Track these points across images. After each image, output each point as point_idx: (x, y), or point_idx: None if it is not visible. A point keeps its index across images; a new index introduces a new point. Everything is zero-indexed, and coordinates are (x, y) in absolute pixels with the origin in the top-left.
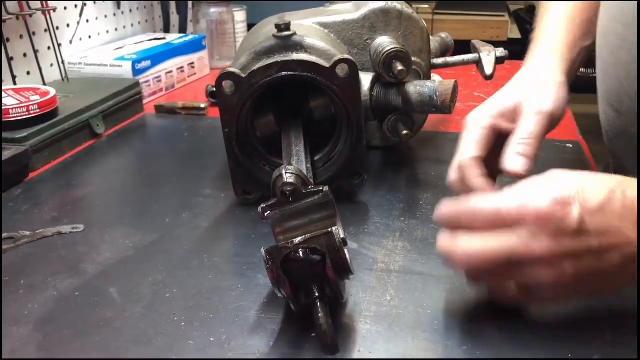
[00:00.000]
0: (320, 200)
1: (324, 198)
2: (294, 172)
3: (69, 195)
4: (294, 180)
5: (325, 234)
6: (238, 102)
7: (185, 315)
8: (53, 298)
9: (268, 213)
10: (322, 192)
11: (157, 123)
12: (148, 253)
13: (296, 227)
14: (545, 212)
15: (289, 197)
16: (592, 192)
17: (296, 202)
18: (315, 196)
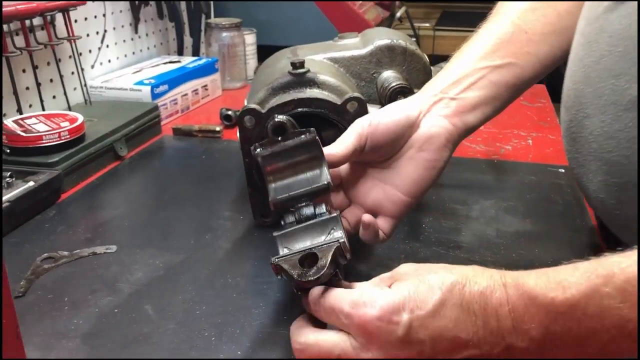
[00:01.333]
0: (307, 139)
1: (310, 137)
2: (284, 116)
3: (99, 216)
4: (284, 119)
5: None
6: (258, 135)
7: (214, 330)
8: (95, 314)
9: (259, 150)
10: (309, 131)
11: (175, 145)
12: (177, 273)
13: (284, 167)
14: (368, 322)
15: (278, 136)
16: (426, 297)
17: (285, 140)
18: (302, 135)
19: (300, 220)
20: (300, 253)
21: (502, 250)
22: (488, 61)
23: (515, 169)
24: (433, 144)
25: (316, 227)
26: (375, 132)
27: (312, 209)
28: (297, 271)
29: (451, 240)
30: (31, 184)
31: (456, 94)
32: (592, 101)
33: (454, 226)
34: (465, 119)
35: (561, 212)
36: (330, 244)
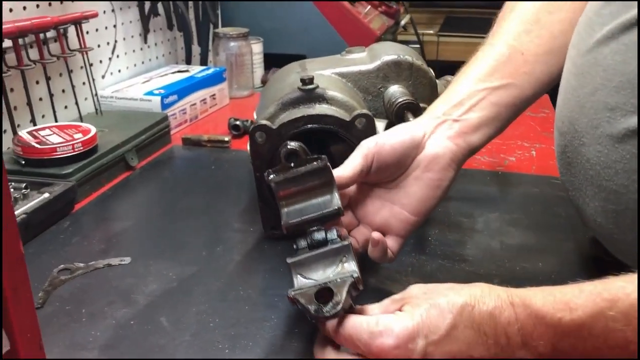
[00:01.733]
0: (319, 165)
1: (322, 164)
2: (297, 143)
3: (112, 227)
4: (296, 147)
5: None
6: (269, 150)
7: (228, 342)
8: (112, 326)
9: (272, 177)
10: (321, 158)
11: (185, 155)
12: (190, 285)
13: (296, 192)
14: (388, 353)
15: (291, 162)
16: (438, 322)
17: (297, 167)
18: (314, 162)
19: (312, 244)
20: (315, 287)
21: (506, 263)
22: (487, 83)
23: (519, 181)
24: (438, 164)
25: (329, 255)
26: (381, 152)
27: (324, 234)
28: (313, 307)
29: (456, 253)
30: (46, 195)
31: (459, 115)
32: (587, 131)
33: (459, 239)
34: (469, 139)
35: (564, 225)
36: (345, 279)
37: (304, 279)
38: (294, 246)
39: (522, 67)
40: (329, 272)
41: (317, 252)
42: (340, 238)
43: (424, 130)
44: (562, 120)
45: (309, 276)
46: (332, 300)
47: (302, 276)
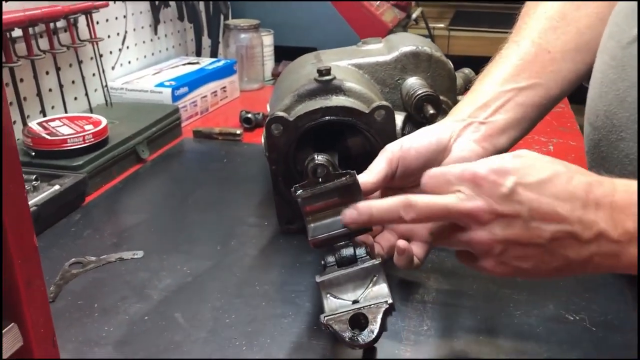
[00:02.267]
0: (347, 181)
1: (350, 180)
2: (325, 156)
3: (124, 221)
4: (324, 162)
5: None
6: (285, 142)
7: (245, 340)
8: (125, 322)
9: (300, 192)
10: (349, 174)
11: (196, 148)
12: (205, 280)
13: (323, 207)
14: (479, 175)
15: (319, 177)
16: (536, 170)
17: (325, 182)
18: (343, 178)
19: (341, 261)
20: (349, 312)
21: None
22: (513, 83)
23: None
24: None
25: (359, 274)
26: (407, 157)
27: (352, 250)
28: (348, 334)
29: None
30: (57, 187)
31: (485, 118)
32: (628, 125)
33: None
34: (495, 142)
35: None
36: (379, 305)
37: (334, 299)
38: (321, 262)
39: (548, 66)
40: (359, 293)
41: (346, 271)
42: (369, 255)
43: (450, 134)
44: (596, 114)
45: (338, 296)
46: (368, 328)
47: (332, 296)
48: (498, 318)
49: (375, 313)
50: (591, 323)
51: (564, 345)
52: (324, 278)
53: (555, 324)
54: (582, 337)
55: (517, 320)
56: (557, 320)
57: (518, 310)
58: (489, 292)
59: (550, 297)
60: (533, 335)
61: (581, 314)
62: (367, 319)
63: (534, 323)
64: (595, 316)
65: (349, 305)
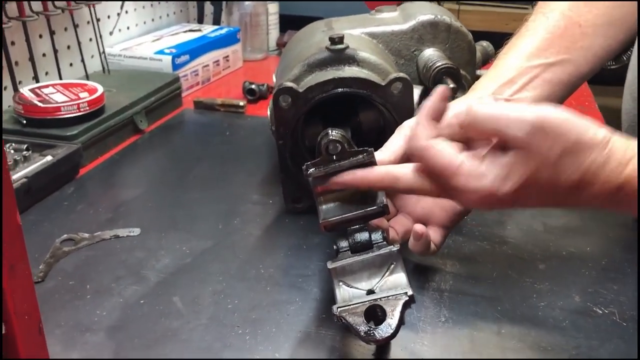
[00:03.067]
0: (364, 160)
1: (367, 158)
2: (339, 131)
3: (120, 195)
4: (339, 138)
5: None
6: (294, 116)
7: (248, 328)
8: (120, 305)
9: (312, 171)
10: (367, 152)
11: (197, 119)
12: (205, 261)
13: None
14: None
15: (334, 155)
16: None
17: (340, 160)
18: (359, 156)
19: (355, 247)
20: (364, 304)
21: (550, 246)
22: (541, 59)
23: None
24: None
25: (375, 262)
26: None
27: (367, 235)
28: (364, 328)
29: (496, 234)
30: (49, 158)
31: (510, 95)
32: None
33: (498, 219)
34: None
35: None
36: (398, 296)
37: (347, 288)
38: (333, 247)
39: (579, 41)
40: (374, 282)
41: (361, 257)
42: (385, 241)
43: None
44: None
45: (352, 284)
46: (385, 321)
47: (345, 284)
48: (520, 309)
49: (394, 305)
50: (621, 317)
51: (593, 341)
52: (336, 264)
53: (582, 317)
54: (612, 332)
55: (540, 313)
56: (584, 313)
57: (541, 301)
58: (509, 279)
59: (574, 288)
60: (558, 329)
61: (610, 307)
62: (385, 311)
63: (559, 316)
64: (625, 310)
65: (363, 295)
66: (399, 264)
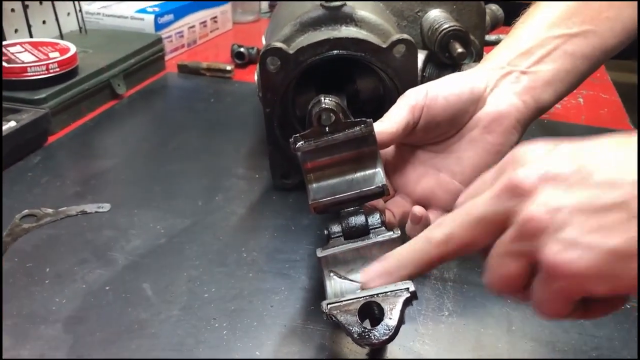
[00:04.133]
0: (362, 132)
1: (366, 130)
2: (334, 99)
3: (91, 166)
4: (333, 106)
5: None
6: (283, 80)
7: (227, 321)
8: (82, 292)
9: (301, 144)
10: (365, 123)
11: (181, 84)
12: (181, 242)
13: (330, 164)
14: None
15: (326, 126)
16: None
17: (333, 132)
18: (356, 127)
19: (349, 232)
20: (359, 301)
21: None
22: (562, 29)
23: (570, 132)
24: (501, 125)
25: (372, 250)
26: (433, 106)
27: (363, 219)
28: (357, 329)
29: None
30: (13, 124)
31: (527, 66)
32: None
33: None
34: (538, 96)
35: None
36: (397, 293)
37: (339, 280)
38: (324, 232)
39: (605, 11)
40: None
41: (356, 244)
42: (384, 225)
43: (486, 82)
44: None
45: (345, 276)
46: (383, 322)
47: (336, 275)
48: None
49: (393, 303)
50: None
51: (615, 341)
52: (327, 253)
53: None
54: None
55: None
56: None
57: None
58: None
59: None
60: (576, 327)
61: (631, 301)
62: (382, 310)
63: None
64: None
65: (357, 289)
66: None
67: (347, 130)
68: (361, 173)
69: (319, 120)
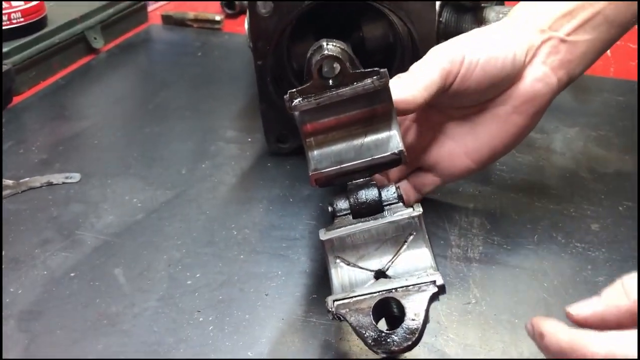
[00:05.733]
0: (374, 85)
1: (379, 83)
2: (338, 44)
3: (61, 129)
4: (338, 53)
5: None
6: (276, 26)
7: (213, 314)
8: (42, 280)
9: (298, 101)
10: (379, 73)
11: (165, 37)
12: (161, 218)
13: (334, 126)
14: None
15: (329, 78)
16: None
17: (338, 86)
18: (367, 80)
19: (359, 209)
20: (373, 297)
21: (603, 200)
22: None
23: (598, 86)
24: (534, 107)
25: (387, 231)
26: (469, 76)
27: (376, 192)
28: (372, 333)
29: (533, 183)
30: None
31: (567, 33)
32: None
33: (533, 163)
34: (572, 71)
35: None
36: (422, 286)
37: (347, 268)
38: (329, 209)
39: None
40: (385, 260)
41: (368, 224)
42: (401, 201)
43: (527, 50)
44: None
45: (355, 263)
46: (404, 323)
47: (344, 262)
48: (572, 286)
49: (417, 300)
50: None
51: None
52: (332, 235)
53: None
54: None
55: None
56: None
57: (599, 274)
58: (555, 244)
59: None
60: None
61: None
62: (402, 308)
63: None
64: None
65: (370, 279)
66: (420, 235)
67: (356, 83)
68: (373, 137)
69: (320, 71)
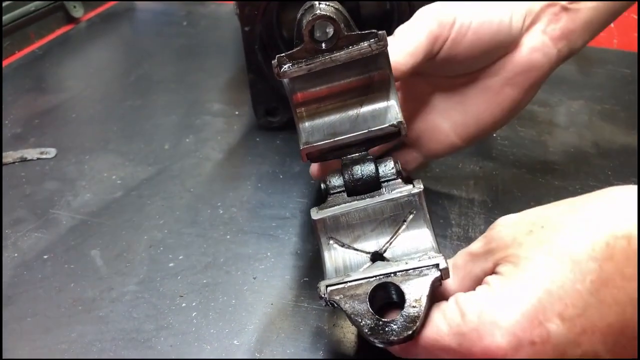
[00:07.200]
0: (372, 49)
1: (377, 46)
2: (331, 4)
3: (36, 102)
4: (332, 13)
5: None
6: None
7: (196, 299)
8: (13, 262)
9: (287, 67)
10: (377, 35)
11: (149, 6)
12: (142, 196)
13: (327, 95)
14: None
15: (323, 42)
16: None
17: (332, 50)
18: (364, 42)
19: (354, 186)
20: (369, 281)
21: (609, 175)
22: None
23: (601, 58)
24: (529, 79)
25: (384, 209)
26: (460, 41)
27: (373, 167)
28: (369, 321)
29: (536, 159)
30: None
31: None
32: None
33: (536, 138)
34: (573, 43)
35: None
36: (422, 271)
37: (342, 250)
38: (321, 186)
39: None
40: (383, 241)
41: (363, 202)
42: (400, 176)
43: (525, 16)
44: None
45: (349, 244)
46: (404, 310)
47: (338, 243)
48: None
49: (418, 285)
50: None
51: None
52: (325, 214)
53: None
54: None
55: None
56: None
57: None
58: None
59: None
60: None
61: None
62: (402, 294)
63: None
64: None
65: (367, 262)
66: (421, 213)
67: (351, 47)
68: (369, 107)
69: (312, 33)
